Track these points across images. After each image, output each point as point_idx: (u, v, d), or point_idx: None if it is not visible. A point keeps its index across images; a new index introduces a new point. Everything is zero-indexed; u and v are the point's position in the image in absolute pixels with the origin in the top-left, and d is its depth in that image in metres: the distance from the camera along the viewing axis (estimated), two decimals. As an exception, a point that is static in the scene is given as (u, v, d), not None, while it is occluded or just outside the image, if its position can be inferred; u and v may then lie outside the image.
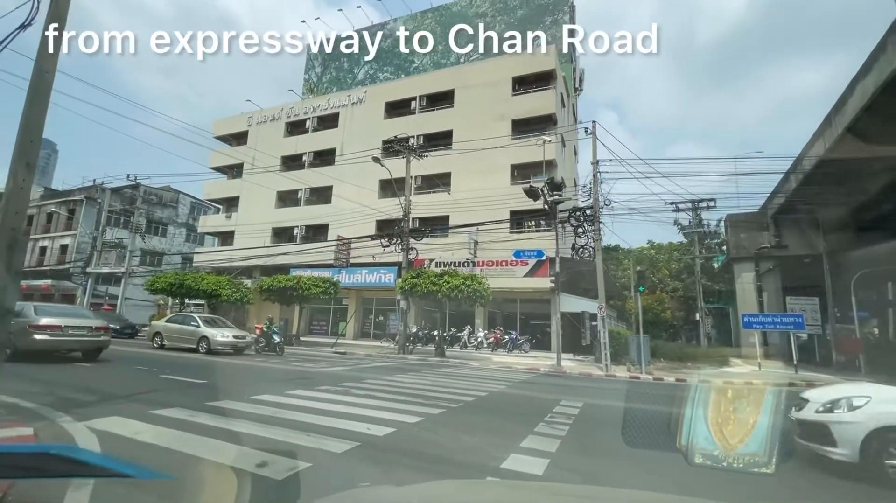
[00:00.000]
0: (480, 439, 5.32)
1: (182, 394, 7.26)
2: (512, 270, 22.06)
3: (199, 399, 6.68)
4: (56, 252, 35.82)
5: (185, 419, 5.30)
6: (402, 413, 6.44)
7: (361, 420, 5.79)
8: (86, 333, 10.53)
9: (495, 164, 23.76)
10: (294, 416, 5.78)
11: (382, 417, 6.06)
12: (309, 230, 29.12)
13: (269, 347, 16.58)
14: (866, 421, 4.27)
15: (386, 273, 24.13)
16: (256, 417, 5.61)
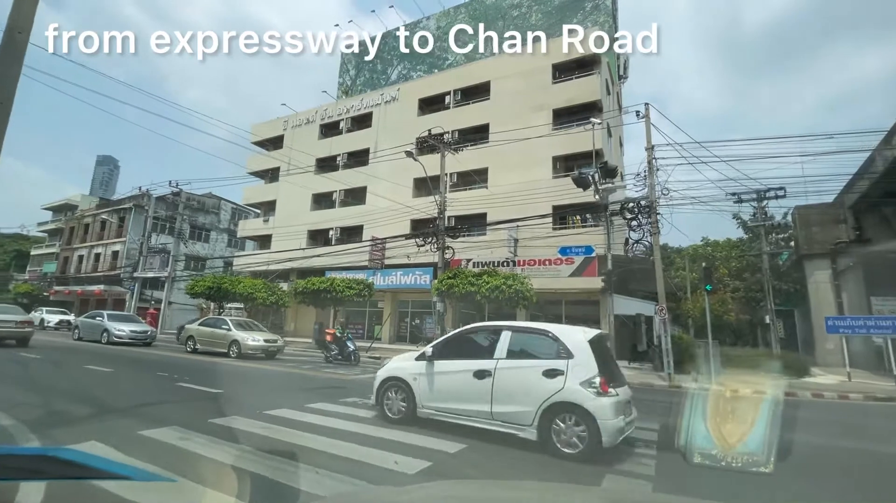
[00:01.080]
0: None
1: (188, 408, 6.40)
2: (556, 269, 20.45)
3: (204, 414, 5.76)
4: (108, 258, 37.34)
5: (172, 443, 4.33)
6: (439, 436, 5.24)
7: (388, 447, 4.64)
8: (13, 326, 13.45)
9: (535, 157, 22.26)
10: (306, 441, 4.71)
11: (415, 443, 4.89)
12: (344, 232, 28.63)
13: (343, 356, 14.60)
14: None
15: (421, 274, 23.12)
16: (259, 442, 4.58)
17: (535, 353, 5.19)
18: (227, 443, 4.42)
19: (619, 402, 4.87)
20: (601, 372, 4.82)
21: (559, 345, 5.06)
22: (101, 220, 39.34)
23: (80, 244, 40.57)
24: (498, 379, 5.11)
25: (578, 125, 22.04)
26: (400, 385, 5.85)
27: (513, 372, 5.11)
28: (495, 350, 5.30)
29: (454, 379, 5.43)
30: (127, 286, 33.45)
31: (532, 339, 5.38)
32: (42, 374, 8.84)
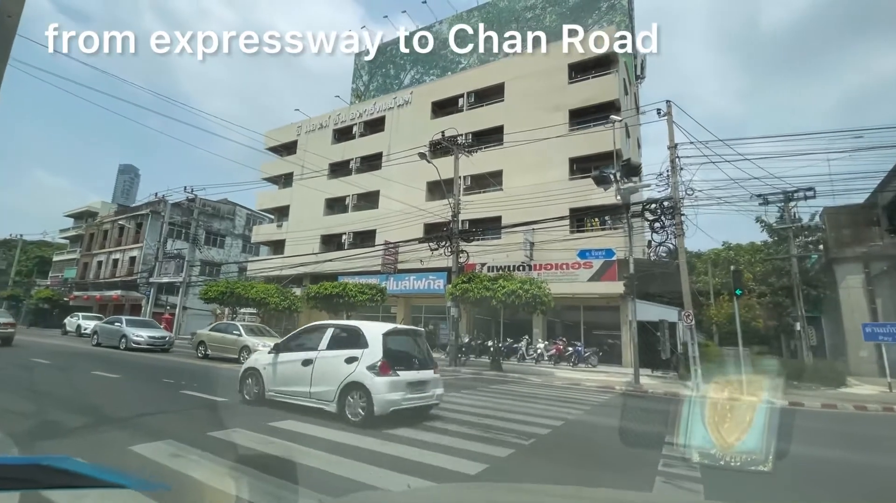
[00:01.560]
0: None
1: (188, 418, 6.02)
2: (574, 274, 19.80)
3: (204, 425, 5.38)
4: (126, 264, 37.78)
5: (163, 462, 3.92)
6: (457, 454, 4.75)
7: (401, 467, 4.17)
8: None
9: (551, 159, 21.72)
10: (310, 460, 4.26)
11: (430, 462, 4.41)
12: (357, 236, 28.40)
13: None
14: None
15: (435, 279, 22.67)
16: (257, 460, 4.15)
17: (346, 345, 6.49)
18: (222, 462, 4.00)
19: (396, 382, 6.10)
20: (386, 358, 6.13)
21: (361, 337, 6.39)
22: (119, 226, 39.91)
23: (99, 250, 41.20)
24: (316, 366, 6.47)
25: (596, 125, 21.47)
26: (255, 374, 7.18)
27: (326, 360, 6.46)
28: (320, 343, 6.67)
29: (289, 367, 6.76)
30: (143, 291, 33.73)
31: (346, 334, 6.69)
32: (46, 381, 8.61)
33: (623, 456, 5.34)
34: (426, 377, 6.63)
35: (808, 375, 16.96)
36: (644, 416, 8.38)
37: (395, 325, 7.27)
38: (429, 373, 6.72)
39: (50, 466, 0.64)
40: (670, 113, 15.47)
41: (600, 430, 6.93)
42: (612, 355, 20.02)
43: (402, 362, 6.38)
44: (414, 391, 6.31)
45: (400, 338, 6.83)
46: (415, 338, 7.31)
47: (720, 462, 4.79)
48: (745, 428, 7.39)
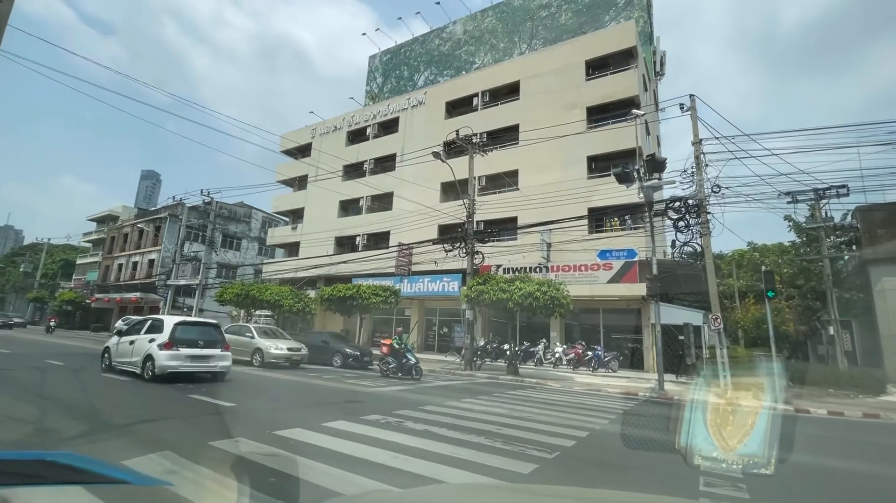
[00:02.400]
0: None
1: (192, 426, 5.74)
2: (593, 276, 19.20)
3: (207, 434, 5.09)
4: (145, 266, 38.36)
5: (157, 477, 3.61)
6: (476, 469, 4.35)
7: (418, 483, 3.79)
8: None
9: (569, 157, 21.18)
10: (314, 475, 3.90)
11: (448, 478, 4.02)
12: (371, 238, 28.23)
13: (402, 370, 13.08)
14: None
15: (449, 281, 22.29)
16: (258, 474, 3.81)
17: (153, 331, 9.86)
18: (219, 479, 3.67)
19: (176, 355, 9.35)
20: (171, 339, 9.44)
21: (162, 325, 9.83)
22: (138, 229, 40.58)
23: (119, 253, 41.96)
24: (136, 344, 9.88)
25: (615, 122, 20.87)
26: (108, 350, 10.82)
27: (142, 340, 9.82)
28: (141, 330, 10.11)
29: (124, 346, 10.28)
30: (161, 293, 34.13)
31: (155, 323, 10.14)
32: (54, 383, 8.48)
33: (658, 472, 4.86)
34: (209, 353, 9.81)
35: (844, 382, 16.04)
36: (675, 427, 7.83)
37: (186, 318, 11.35)
38: (214, 351, 9.91)
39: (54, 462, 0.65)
40: (694, 108, 14.85)
41: (630, 442, 6.43)
42: (632, 360, 19.34)
43: (183, 343, 9.50)
44: (195, 362, 9.58)
45: (189, 327, 10.04)
46: (204, 327, 10.38)
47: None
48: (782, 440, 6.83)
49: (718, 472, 4.64)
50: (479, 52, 37.53)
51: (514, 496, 1.80)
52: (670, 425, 8.01)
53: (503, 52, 35.77)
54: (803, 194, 20.08)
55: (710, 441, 4.99)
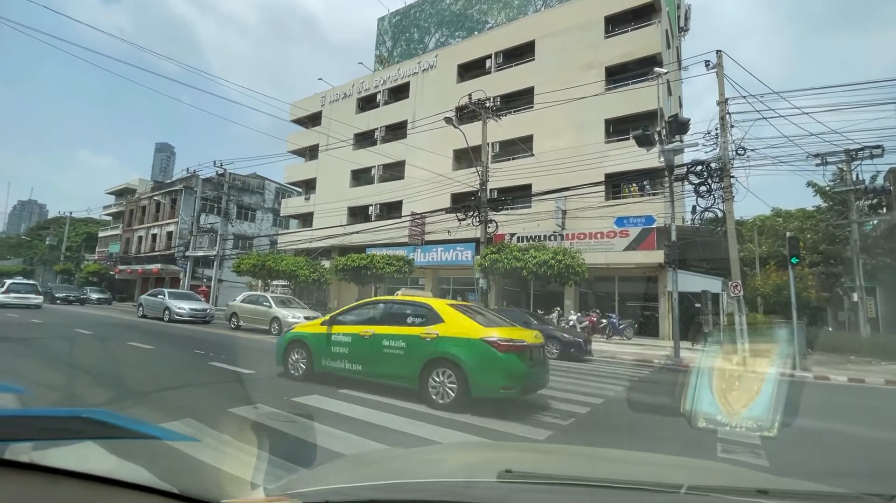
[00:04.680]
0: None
1: (212, 393, 5.88)
2: (609, 243, 18.88)
3: (227, 400, 5.20)
4: (164, 238, 39.09)
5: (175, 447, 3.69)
6: (490, 436, 4.37)
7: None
8: None
9: (585, 121, 20.45)
10: (331, 441, 3.95)
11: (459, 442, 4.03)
12: (383, 208, 28.11)
13: None
14: None
15: (463, 250, 22.21)
16: (277, 440, 3.88)
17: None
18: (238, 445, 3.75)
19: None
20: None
21: None
22: (155, 202, 41.13)
23: (139, 225, 42.77)
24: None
25: (635, 83, 19.95)
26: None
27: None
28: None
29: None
30: (180, 265, 34.90)
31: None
32: (81, 352, 8.78)
33: (674, 439, 4.83)
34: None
35: (866, 349, 15.74)
36: (689, 393, 7.78)
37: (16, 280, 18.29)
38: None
39: (90, 418, 0.69)
40: (721, 64, 14.04)
41: (645, 409, 6.42)
42: (647, 327, 19.24)
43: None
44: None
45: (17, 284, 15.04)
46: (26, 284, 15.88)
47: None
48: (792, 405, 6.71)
49: (735, 440, 4.60)
50: (492, 11, 35.84)
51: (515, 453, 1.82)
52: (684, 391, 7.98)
53: (517, 9, 34.06)
54: (834, 155, 19.16)
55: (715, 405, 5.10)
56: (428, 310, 6.02)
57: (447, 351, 5.48)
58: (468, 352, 5.33)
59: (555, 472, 1.33)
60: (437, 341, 5.58)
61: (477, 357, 5.28)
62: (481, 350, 5.29)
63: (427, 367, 5.56)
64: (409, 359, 5.71)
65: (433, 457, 1.66)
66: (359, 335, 6.22)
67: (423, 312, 6.04)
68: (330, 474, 1.40)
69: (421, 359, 5.61)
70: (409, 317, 6.13)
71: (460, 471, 1.44)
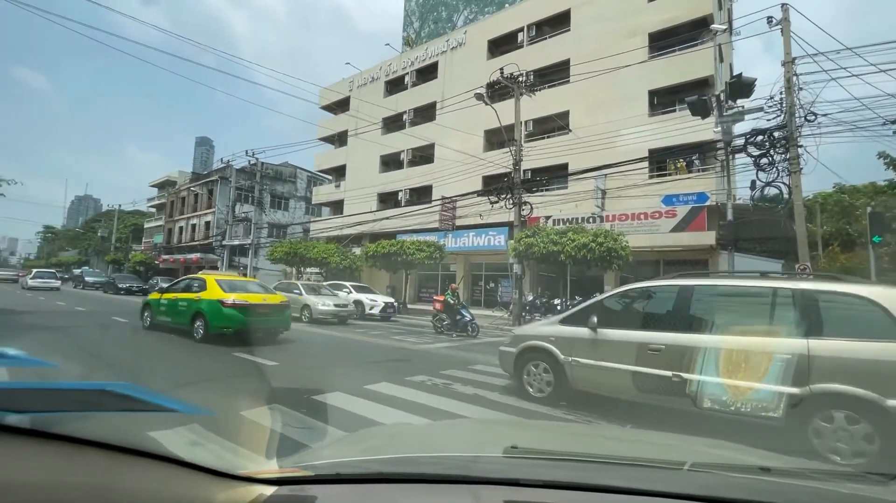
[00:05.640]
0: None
1: (229, 389, 5.49)
2: (654, 224, 17.58)
3: (242, 398, 4.77)
4: (202, 228, 40.23)
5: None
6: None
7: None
8: None
9: (627, 93, 18.99)
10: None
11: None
12: (413, 193, 27.57)
13: (456, 326, 12.45)
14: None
15: (495, 235, 21.38)
16: (286, 416, 3.38)
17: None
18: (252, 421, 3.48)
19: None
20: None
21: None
22: (194, 193, 42.31)
23: (179, 216, 44.22)
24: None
25: (682, 49, 18.30)
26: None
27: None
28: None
29: None
30: (218, 253, 35.79)
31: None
32: (110, 341, 8.73)
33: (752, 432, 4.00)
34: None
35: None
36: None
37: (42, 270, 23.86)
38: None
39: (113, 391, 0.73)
40: (787, 19, 12.43)
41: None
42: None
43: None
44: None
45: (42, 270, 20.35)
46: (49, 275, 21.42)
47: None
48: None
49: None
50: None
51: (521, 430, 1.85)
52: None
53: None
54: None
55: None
56: (202, 283, 9.24)
57: (200, 306, 8.75)
58: (209, 307, 8.63)
59: (559, 449, 1.37)
60: (199, 301, 8.84)
61: (213, 310, 8.56)
62: (215, 306, 8.57)
63: (193, 317, 8.81)
64: (187, 311, 9.00)
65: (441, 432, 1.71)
66: (172, 299, 9.62)
67: (200, 284, 9.25)
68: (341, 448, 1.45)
69: (191, 312, 8.89)
70: (194, 287, 9.30)
71: (468, 446, 1.46)
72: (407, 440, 1.54)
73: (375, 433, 1.76)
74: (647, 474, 1.09)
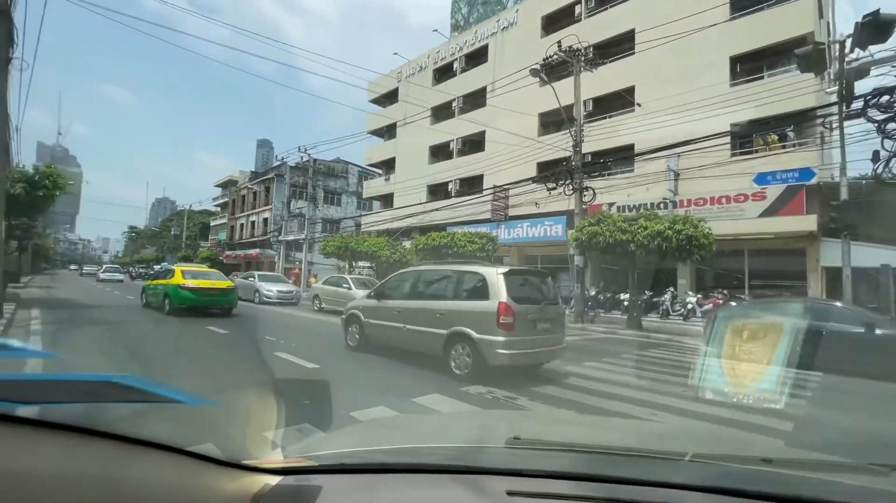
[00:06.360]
0: None
1: (234, 378, 4.80)
2: (737, 209, 15.45)
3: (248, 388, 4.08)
4: (260, 225, 41.72)
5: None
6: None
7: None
8: None
9: (703, 60, 16.84)
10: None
11: None
12: (463, 183, 26.61)
13: None
14: None
15: (552, 224, 19.96)
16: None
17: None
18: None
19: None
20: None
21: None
22: (252, 191, 43.97)
23: (240, 213, 46.23)
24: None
25: (771, 5, 15.88)
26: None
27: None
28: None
29: None
30: (275, 249, 36.88)
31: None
32: (151, 335, 8.55)
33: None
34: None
35: None
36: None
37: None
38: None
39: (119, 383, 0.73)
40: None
41: (846, 432, 4.16)
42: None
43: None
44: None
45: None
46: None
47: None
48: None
49: None
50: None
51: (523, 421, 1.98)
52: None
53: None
54: None
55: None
56: (171, 272, 12.23)
57: (167, 290, 11.65)
58: (172, 290, 11.45)
59: (561, 439, 1.39)
60: (167, 285, 11.74)
61: (173, 291, 11.39)
62: (174, 289, 11.43)
63: (164, 297, 11.81)
64: (161, 293, 12.11)
65: (444, 423, 1.71)
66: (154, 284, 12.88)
67: (170, 273, 12.24)
68: (345, 438, 1.44)
69: (163, 294, 11.86)
70: (167, 275, 12.22)
71: (470, 436, 1.46)
72: (410, 431, 1.53)
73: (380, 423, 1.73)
74: (649, 464, 1.10)
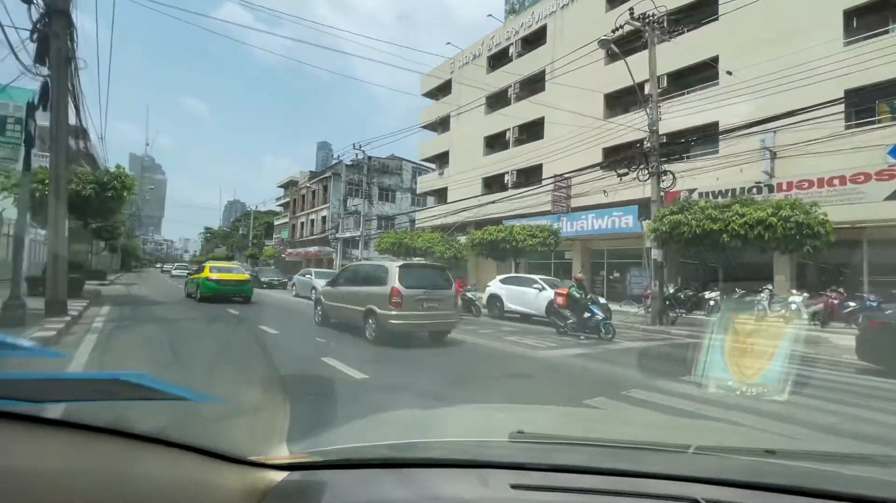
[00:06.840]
0: None
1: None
2: (855, 191, 12.98)
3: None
4: (319, 223, 42.75)
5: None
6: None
7: None
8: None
9: (805, 21, 14.38)
10: None
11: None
12: (520, 174, 25.25)
13: (585, 326, 9.96)
14: None
15: (622, 215, 18.21)
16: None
17: None
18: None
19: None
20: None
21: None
22: (311, 191, 45.21)
23: (300, 212, 47.77)
24: None
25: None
26: None
27: None
28: None
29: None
30: (333, 246, 37.53)
31: None
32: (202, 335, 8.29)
33: None
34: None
35: None
36: None
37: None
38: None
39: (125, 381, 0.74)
40: None
41: None
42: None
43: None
44: None
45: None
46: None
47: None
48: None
49: None
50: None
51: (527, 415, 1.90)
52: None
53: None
54: None
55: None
56: (202, 267, 15.86)
57: (198, 282, 14.86)
58: (202, 282, 14.48)
59: (565, 433, 1.41)
60: (199, 278, 14.96)
61: (203, 283, 14.39)
62: (203, 281, 14.44)
63: (196, 288, 14.91)
64: (195, 286, 15.19)
65: (448, 417, 1.75)
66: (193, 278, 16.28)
67: (201, 268, 15.97)
68: (350, 433, 1.46)
69: (196, 285, 15.08)
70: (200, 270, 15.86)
71: (474, 431, 1.47)
72: (415, 426, 1.56)
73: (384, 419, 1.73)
74: (653, 457, 1.11)
